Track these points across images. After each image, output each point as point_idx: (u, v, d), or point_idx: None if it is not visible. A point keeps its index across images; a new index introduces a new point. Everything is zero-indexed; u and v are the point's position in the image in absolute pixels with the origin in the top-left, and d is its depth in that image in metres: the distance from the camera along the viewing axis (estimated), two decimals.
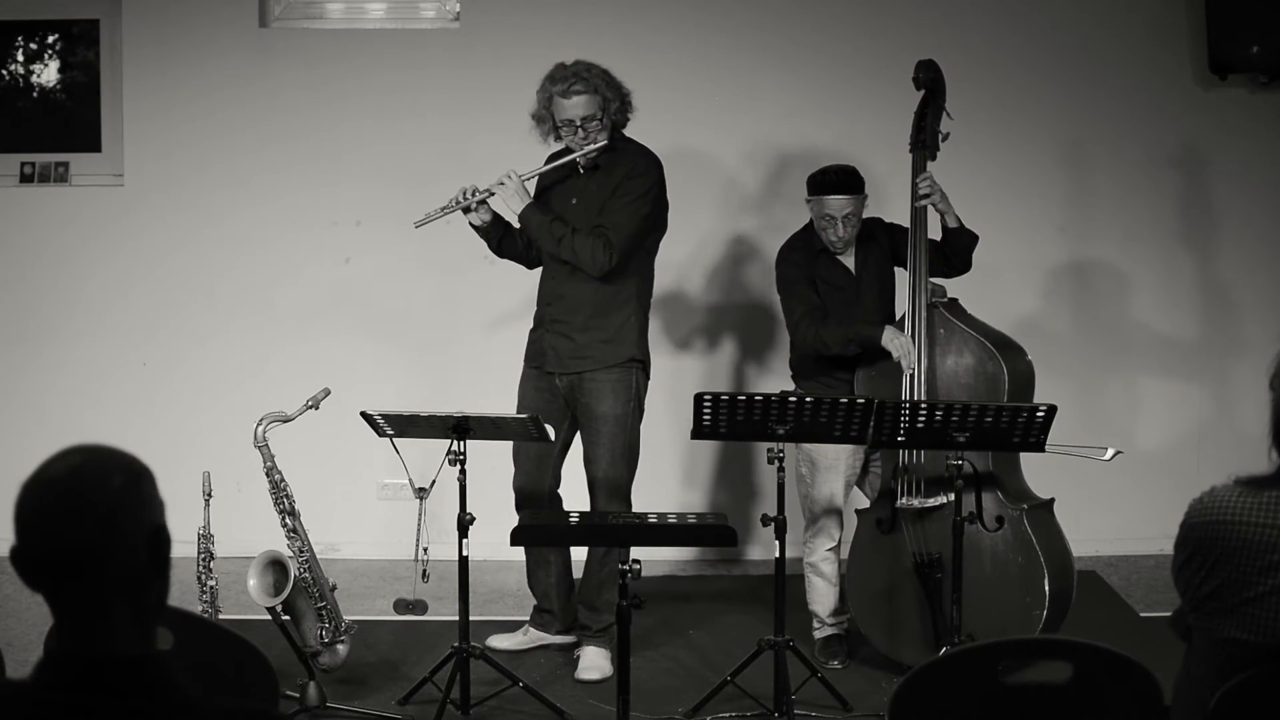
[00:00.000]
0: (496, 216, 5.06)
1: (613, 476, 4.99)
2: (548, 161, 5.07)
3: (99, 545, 1.78)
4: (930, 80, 5.04)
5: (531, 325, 5.16)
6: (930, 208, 4.95)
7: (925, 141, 5.02)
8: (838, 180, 4.99)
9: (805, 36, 6.35)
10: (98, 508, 1.79)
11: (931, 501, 4.85)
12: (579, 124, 4.85)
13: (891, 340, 4.87)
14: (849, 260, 5.11)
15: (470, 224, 5.04)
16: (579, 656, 5.05)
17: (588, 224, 4.90)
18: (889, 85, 5.61)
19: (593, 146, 4.88)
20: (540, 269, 5.17)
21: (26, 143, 6.59)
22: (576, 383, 4.99)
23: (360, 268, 6.36)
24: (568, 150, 4.98)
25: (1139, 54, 6.38)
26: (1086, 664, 2.75)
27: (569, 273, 4.97)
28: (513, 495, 5.13)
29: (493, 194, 4.93)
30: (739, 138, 6.35)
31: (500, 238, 5.10)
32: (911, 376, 4.85)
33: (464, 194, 4.93)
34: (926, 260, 4.93)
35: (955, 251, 5.01)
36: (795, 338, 5.14)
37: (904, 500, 4.88)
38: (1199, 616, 2.81)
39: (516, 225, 5.10)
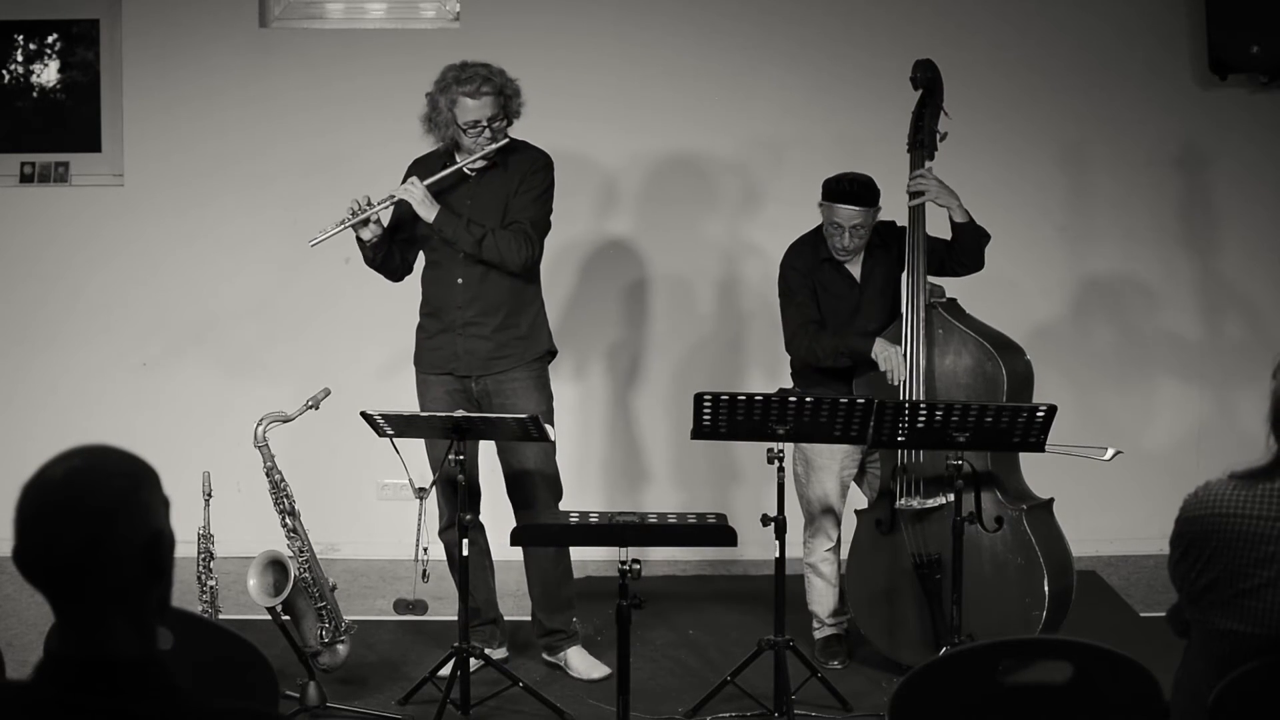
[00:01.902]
0: (385, 229, 4.92)
1: (548, 472, 4.97)
2: (414, 166, 4.97)
3: (95, 550, 1.78)
4: (928, 80, 5.04)
5: (425, 332, 5.02)
6: (932, 204, 4.95)
7: (923, 141, 5.01)
8: (850, 190, 4.96)
9: (804, 35, 6.34)
10: (94, 512, 1.78)
11: (931, 502, 4.85)
12: (485, 124, 4.80)
13: (880, 353, 4.87)
14: (855, 268, 5.08)
15: (359, 238, 4.88)
16: (567, 667, 5.03)
17: (493, 222, 4.84)
18: (887, 85, 5.61)
19: (494, 145, 4.83)
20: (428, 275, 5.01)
21: (26, 143, 6.59)
22: (494, 384, 4.93)
23: (360, 267, 6.33)
24: (444, 154, 4.91)
25: (1139, 54, 6.37)
26: (1086, 664, 2.75)
27: (482, 275, 4.88)
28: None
29: (397, 200, 4.82)
30: (737, 137, 6.34)
31: (387, 250, 4.97)
32: (911, 376, 4.85)
33: (359, 206, 4.79)
34: (924, 260, 4.92)
35: (963, 248, 4.97)
36: (790, 348, 5.13)
37: (903, 501, 4.88)
38: (1196, 610, 2.82)
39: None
